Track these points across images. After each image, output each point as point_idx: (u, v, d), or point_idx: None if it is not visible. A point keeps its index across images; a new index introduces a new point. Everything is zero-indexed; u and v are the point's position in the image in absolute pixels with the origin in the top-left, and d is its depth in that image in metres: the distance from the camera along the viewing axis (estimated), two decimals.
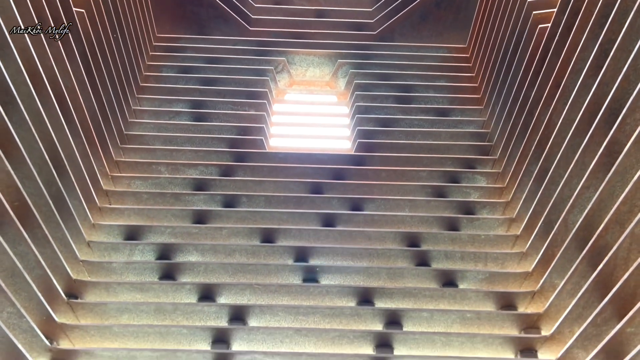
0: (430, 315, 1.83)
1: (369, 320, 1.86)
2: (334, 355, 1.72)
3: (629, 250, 1.38)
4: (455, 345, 1.80)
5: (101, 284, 1.86)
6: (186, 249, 2.01)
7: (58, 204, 1.75)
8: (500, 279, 2.00)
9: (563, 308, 1.71)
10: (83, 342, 1.77)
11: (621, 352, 1.40)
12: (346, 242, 2.08)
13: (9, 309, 1.44)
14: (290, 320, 1.84)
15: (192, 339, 1.77)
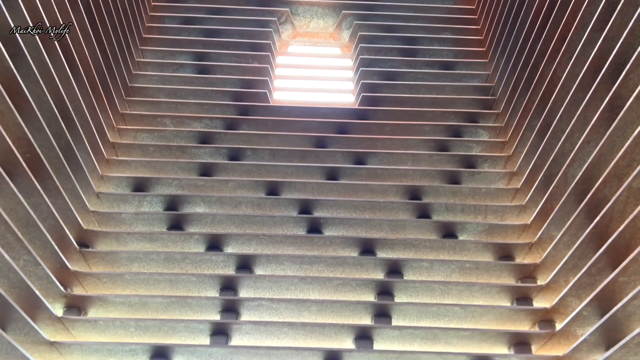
0: (430, 265, 1.90)
1: (370, 270, 1.92)
2: (337, 302, 1.78)
3: (626, 204, 1.42)
4: (454, 294, 1.87)
5: (111, 234, 1.91)
6: (193, 200, 2.05)
7: (67, 156, 1.78)
8: (499, 231, 2.05)
9: (559, 259, 1.77)
10: (95, 289, 1.85)
11: (613, 301, 1.46)
12: (349, 195, 2.12)
13: (25, 256, 1.50)
14: (295, 269, 1.90)
15: (201, 287, 1.84)
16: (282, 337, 1.75)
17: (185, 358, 1.69)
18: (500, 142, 2.37)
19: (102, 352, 1.67)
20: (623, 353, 1.38)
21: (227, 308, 1.78)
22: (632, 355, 1.38)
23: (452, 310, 1.80)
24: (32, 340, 1.54)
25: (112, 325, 1.70)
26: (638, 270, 1.34)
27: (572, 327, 1.63)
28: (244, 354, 1.67)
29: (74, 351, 1.65)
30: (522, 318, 1.80)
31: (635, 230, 1.35)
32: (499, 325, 1.83)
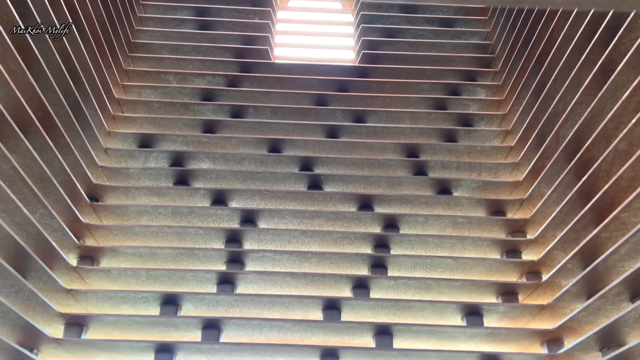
0: (425, 219, 1.98)
1: (368, 224, 2.01)
2: (336, 254, 1.88)
3: (612, 164, 1.49)
4: (447, 247, 1.96)
5: (120, 188, 1.98)
6: (198, 157, 2.11)
7: (76, 113, 1.83)
8: (492, 188, 2.13)
9: (548, 214, 1.86)
10: (107, 240, 1.94)
11: (595, 254, 1.56)
12: (349, 153, 2.18)
13: (41, 210, 1.58)
14: (297, 223, 1.99)
15: (207, 239, 1.93)
16: (284, 286, 1.86)
17: (193, 305, 1.80)
18: (497, 101, 2.41)
19: (116, 300, 1.78)
20: (602, 302, 1.49)
21: (233, 259, 1.87)
22: (609, 305, 1.49)
23: (445, 262, 1.90)
24: (50, 288, 1.65)
25: (124, 275, 1.80)
26: (619, 227, 1.43)
27: (556, 278, 1.73)
28: (248, 302, 1.78)
29: (89, 298, 1.76)
30: (510, 270, 1.91)
31: (618, 190, 1.43)
32: (489, 276, 1.93)
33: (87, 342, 1.67)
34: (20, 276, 1.43)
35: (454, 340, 1.81)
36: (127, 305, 1.81)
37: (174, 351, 1.71)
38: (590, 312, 1.56)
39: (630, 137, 1.38)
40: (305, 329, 1.77)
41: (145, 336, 1.80)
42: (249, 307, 1.82)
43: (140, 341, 1.67)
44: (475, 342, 1.82)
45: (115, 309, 1.82)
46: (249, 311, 1.84)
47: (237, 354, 1.74)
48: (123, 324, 1.74)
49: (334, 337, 1.81)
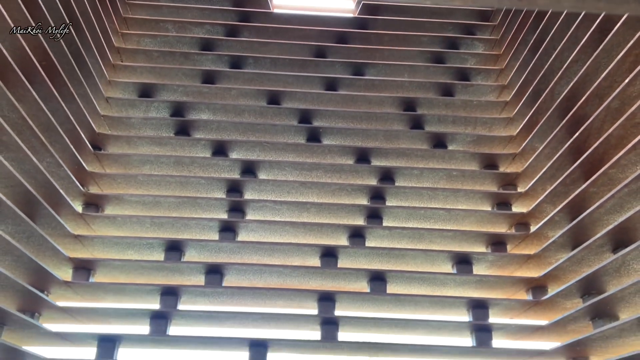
0: (420, 172, 2.04)
1: (365, 176, 2.07)
2: (333, 205, 1.95)
3: (603, 122, 1.54)
4: (440, 199, 2.04)
5: (122, 137, 2.01)
6: (198, 107, 2.14)
7: (78, 62, 1.83)
8: (486, 142, 2.18)
9: (539, 169, 1.92)
10: (111, 188, 1.99)
11: (582, 208, 1.63)
12: (347, 106, 2.21)
13: (49, 159, 1.62)
14: (296, 174, 2.04)
15: (209, 188, 1.99)
16: (284, 234, 1.94)
17: (197, 251, 1.88)
18: (494, 55, 2.43)
19: (122, 245, 1.85)
20: (586, 253, 1.58)
21: (234, 208, 1.94)
22: (593, 255, 1.58)
23: (438, 214, 1.97)
24: (59, 233, 1.71)
25: (129, 222, 1.86)
26: (607, 182, 1.50)
27: (544, 230, 1.82)
28: (250, 249, 1.86)
29: (96, 244, 1.83)
30: (500, 221, 1.99)
31: (608, 147, 1.49)
32: (479, 227, 2.02)
33: (95, 285, 1.75)
34: (32, 222, 1.48)
35: (444, 286, 1.91)
36: (133, 250, 1.88)
37: (179, 294, 1.80)
38: (574, 262, 1.65)
39: (623, 96, 1.43)
40: (304, 275, 1.86)
41: (151, 280, 1.89)
42: (250, 254, 1.90)
43: (146, 284, 1.75)
44: (464, 288, 1.92)
45: (121, 255, 1.90)
46: (250, 257, 1.92)
47: (238, 298, 1.83)
48: (129, 269, 1.82)
49: (331, 283, 1.91)
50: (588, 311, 1.59)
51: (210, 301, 1.86)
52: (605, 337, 1.52)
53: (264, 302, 1.87)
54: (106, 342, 1.73)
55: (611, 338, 1.52)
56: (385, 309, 1.90)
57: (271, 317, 1.80)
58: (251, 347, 1.76)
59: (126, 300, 1.85)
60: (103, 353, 1.72)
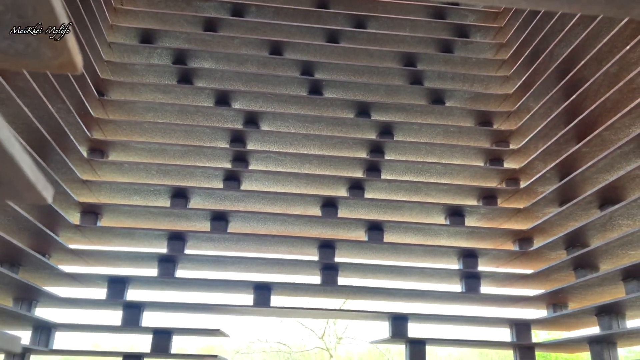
0: (419, 127, 2.11)
1: (365, 130, 2.13)
2: (334, 157, 2.00)
3: (600, 85, 1.61)
4: (437, 153, 2.11)
5: (126, 84, 2.01)
6: (201, 55, 2.13)
7: (83, 4, 1.81)
8: (483, 99, 2.24)
9: (533, 127, 2.00)
10: (115, 135, 2.01)
11: (573, 167, 1.73)
12: (349, 59, 2.23)
13: (59, 104, 1.63)
14: (299, 126, 2.09)
15: (213, 138, 2.02)
16: (286, 184, 2.00)
17: (202, 199, 1.93)
18: (494, 12, 2.45)
19: (128, 191, 1.89)
20: (574, 208, 1.69)
21: (238, 158, 1.98)
22: (580, 211, 1.69)
23: (434, 168, 2.05)
24: (68, 178, 1.74)
25: (136, 168, 1.90)
26: (600, 143, 1.59)
27: (535, 185, 1.92)
28: (254, 197, 1.93)
29: (103, 189, 1.87)
30: (493, 176, 2.09)
31: (603, 110, 1.57)
32: (473, 181, 2.11)
33: (103, 229, 1.80)
34: (46, 166, 1.51)
35: (437, 236, 2.02)
36: (139, 197, 1.92)
37: (185, 239, 1.87)
38: (562, 217, 1.76)
39: (622, 62, 1.49)
40: (305, 224, 1.94)
41: (157, 225, 1.95)
42: (254, 202, 1.96)
43: (154, 229, 1.81)
44: (456, 239, 2.04)
45: (127, 200, 1.94)
46: (253, 206, 1.98)
47: (243, 244, 1.91)
48: (136, 214, 1.87)
49: (331, 231, 1.99)
50: (572, 262, 1.72)
51: (215, 246, 1.94)
52: (587, 286, 1.65)
53: (267, 248, 1.95)
54: (116, 284, 1.80)
55: (592, 287, 1.65)
56: (381, 257, 2.00)
57: (274, 262, 1.89)
58: (255, 290, 1.86)
59: (134, 245, 1.92)
60: (113, 294, 1.79)
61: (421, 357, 1.86)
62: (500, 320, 1.92)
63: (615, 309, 1.58)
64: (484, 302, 1.98)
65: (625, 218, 1.49)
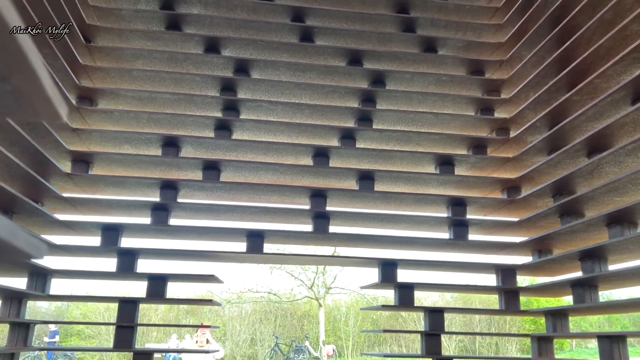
0: (411, 76, 2.09)
1: (357, 79, 2.11)
2: (326, 107, 2.00)
3: (594, 32, 1.61)
4: (429, 103, 2.11)
5: (114, 30, 1.96)
6: (189, 0, 2.07)
7: None
8: (475, 47, 2.21)
9: (525, 76, 2.00)
10: (104, 83, 1.97)
11: (563, 115, 1.74)
12: (341, 5, 2.18)
13: (46, 50, 1.59)
14: (290, 75, 2.06)
15: (203, 86, 2.00)
16: (278, 134, 2.00)
17: (193, 148, 1.93)
18: None
19: (119, 140, 1.88)
20: (562, 157, 1.71)
21: (229, 106, 1.97)
22: (569, 159, 1.71)
23: (426, 117, 2.06)
24: (57, 126, 1.72)
25: (126, 117, 1.88)
26: (591, 91, 1.59)
27: (524, 134, 1.94)
28: (246, 147, 1.92)
29: (93, 138, 1.86)
30: (483, 125, 2.10)
31: (596, 57, 1.57)
32: (463, 131, 2.12)
33: (95, 177, 1.80)
34: None
35: (427, 185, 2.04)
36: (130, 145, 1.91)
37: (178, 188, 1.87)
38: (551, 165, 1.79)
39: (617, 8, 1.48)
40: (297, 173, 1.95)
41: (149, 174, 1.95)
42: (245, 152, 1.96)
43: (147, 178, 1.81)
44: (446, 188, 2.06)
45: (118, 149, 1.93)
46: (245, 155, 1.99)
47: (235, 193, 1.92)
48: (128, 163, 1.87)
49: (322, 181, 2.01)
50: (558, 209, 1.76)
51: (207, 195, 1.95)
52: (572, 232, 1.70)
53: (259, 197, 1.97)
54: (110, 231, 1.82)
55: (577, 233, 1.70)
56: (372, 206, 2.03)
57: (267, 211, 1.91)
58: (248, 238, 1.89)
59: (126, 193, 1.92)
60: (107, 241, 1.81)
61: (409, 302, 1.92)
62: (486, 266, 1.98)
63: (598, 254, 1.63)
64: (471, 249, 2.03)
65: (612, 165, 1.52)
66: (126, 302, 1.76)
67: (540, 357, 1.91)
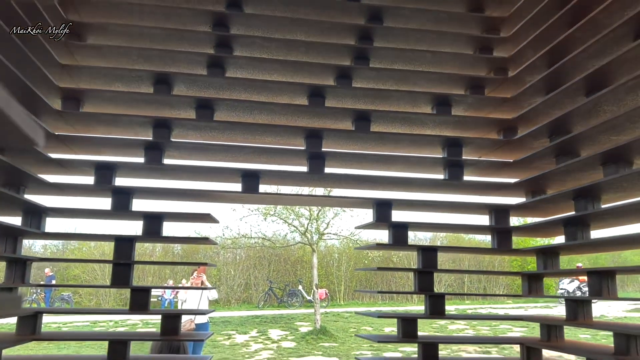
0: (410, 13, 2.03)
1: (354, 15, 2.04)
2: (322, 44, 1.94)
3: None
4: (427, 41, 2.06)
5: None
6: None
7: None
8: None
9: (526, 14, 1.94)
10: (92, 17, 1.90)
11: (564, 53, 1.71)
12: None
13: None
14: (284, 9, 1.99)
15: (194, 21, 1.92)
16: (272, 72, 1.95)
17: (186, 86, 1.89)
18: None
19: (109, 77, 1.83)
20: (561, 96, 1.69)
21: (222, 43, 1.91)
22: (568, 98, 1.69)
23: (424, 56, 2.01)
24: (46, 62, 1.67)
25: (116, 53, 1.83)
26: (593, 27, 1.56)
27: (523, 74, 1.91)
28: (239, 85, 1.89)
29: (83, 74, 1.81)
30: (482, 65, 2.06)
31: None
32: (461, 70, 2.08)
33: (87, 115, 1.77)
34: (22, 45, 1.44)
35: (424, 126, 2.03)
36: (121, 83, 1.87)
37: (171, 127, 1.85)
38: (548, 105, 1.77)
39: None
40: (292, 113, 1.92)
41: (141, 113, 1.91)
42: (239, 91, 1.92)
43: (140, 116, 1.78)
44: (442, 128, 2.05)
45: (108, 86, 1.89)
46: (239, 94, 1.95)
47: (229, 133, 1.90)
48: (119, 101, 1.83)
49: (318, 121, 1.99)
50: (554, 149, 1.76)
51: (201, 135, 1.92)
52: (567, 172, 1.70)
53: (254, 137, 1.95)
54: (103, 170, 1.80)
55: (572, 172, 1.70)
56: (368, 146, 2.02)
57: (262, 151, 1.89)
58: (244, 178, 1.88)
59: (118, 132, 1.89)
60: (101, 180, 1.80)
61: (403, 241, 1.95)
62: (479, 206, 1.99)
63: (592, 193, 1.64)
64: (466, 189, 2.04)
65: (611, 104, 1.51)
66: (122, 240, 1.76)
67: (530, 294, 1.96)
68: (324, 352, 10.29)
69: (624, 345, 1.49)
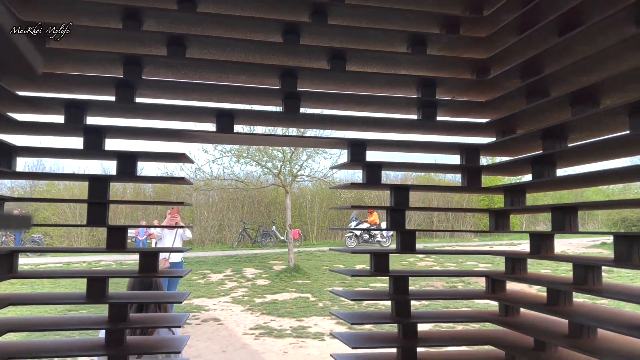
0: None
1: None
2: None
3: None
4: None
5: None
6: None
7: None
8: None
9: None
10: None
11: None
12: None
13: None
14: None
15: None
16: (245, 8, 1.90)
17: (156, 21, 1.82)
18: None
19: (74, 12, 1.75)
20: (534, 35, 1.70)
21: None
22: (541, 38, 1.71)
23: None
24: None
25: None
26: None
27: (498, 13, 1.90)
28: (211, 21, 1.83)
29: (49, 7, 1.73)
30: (457, 4, 2.04)
31: None
32: (438, 9, 2.06)
33: (55, 52, 1.71)
34: None
35: (399, 66, 2.02)
36: (87, 18, 1.79)
37: (142, 65, 1.80)
38: (522, 45, 1.78)
39: None
40: (267, 51, 1.89)
41: (110, 49, 1.85)
42: (211, 27, 1.87)
43: (109, 52, 1.73)
44: (416, 69, 2.05)
45: (76, 21, 1.81)
46: (212, 31, 1.90)
47: (202, 71, 1.87)
48: (87, 37, 1.76)
49: (293, 60, 1.96)
50: (525, 89, 1.79)
51: (173, 73, 1.88)
52: (537, 112, 1.74)
53: (228, 76, 1.92)
54: (74, 108, 1.76)
55: (542, 112, 1.74)
56: (343, 86, 2.01)
57: (236, 90, 1.87)
58: (218, 117, 1.86)
59: (87, 70, 1.84)
60: (71, 119, 1.76)
61: (377, 180, 1.99)
62: (451, 146, 2.04)
63: (559, 132, 1.70)
64: (438, 130, 2.07)
65: (583, 44, 1.53)
66: (97, 180, 1.75)
67: (497, 229, 2.04)
68: (297, 288, 10.62)
69: (582, 276, 1.59)
